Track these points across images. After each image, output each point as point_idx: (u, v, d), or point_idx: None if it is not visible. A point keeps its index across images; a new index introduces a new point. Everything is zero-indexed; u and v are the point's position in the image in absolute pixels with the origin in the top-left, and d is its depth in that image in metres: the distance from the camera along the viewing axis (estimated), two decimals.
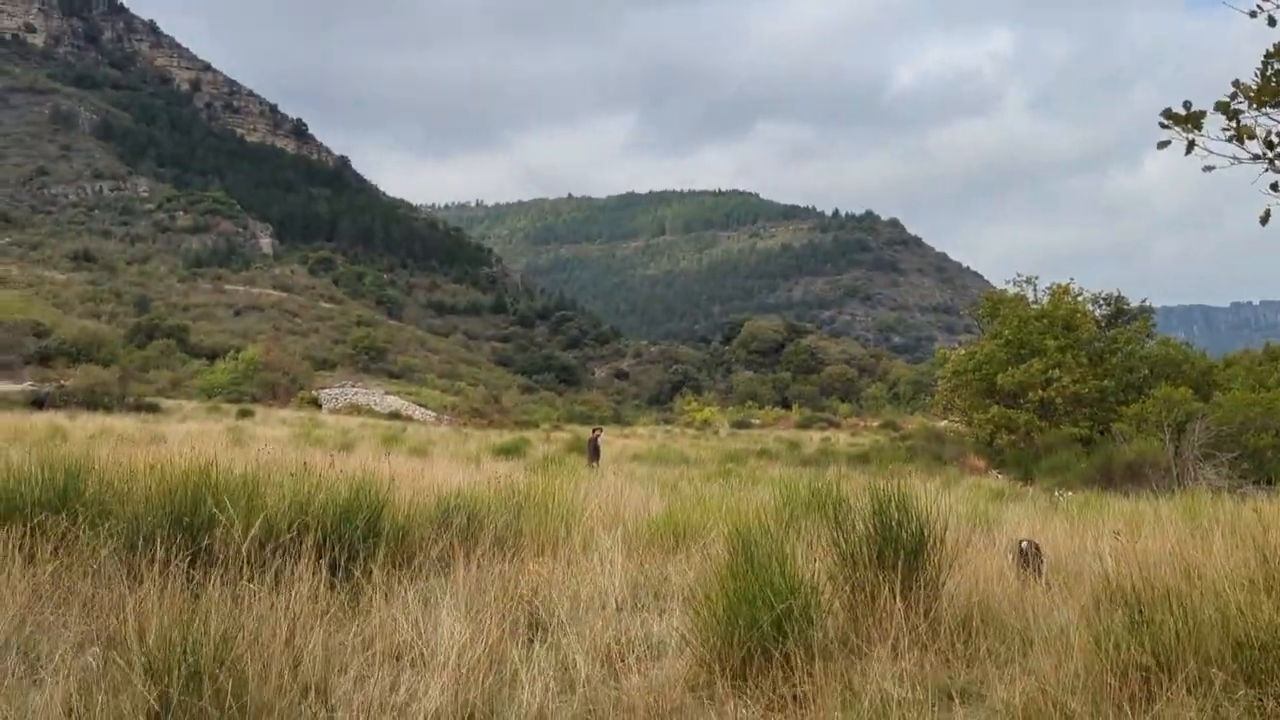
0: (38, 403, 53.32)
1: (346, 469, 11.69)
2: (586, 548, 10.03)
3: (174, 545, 7.22)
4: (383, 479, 9.46)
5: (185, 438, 31.31)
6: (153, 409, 60.83)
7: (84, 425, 40.14)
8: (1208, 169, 6.56)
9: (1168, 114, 6.49)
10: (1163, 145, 6.52)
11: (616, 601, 8.38)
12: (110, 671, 5.29)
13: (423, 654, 6.38)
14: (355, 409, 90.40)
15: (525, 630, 7.32)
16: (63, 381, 61.89)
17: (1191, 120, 6.43)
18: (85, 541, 7.46)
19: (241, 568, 7.07)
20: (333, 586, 7.45)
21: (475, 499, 10.59)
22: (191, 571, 6.85)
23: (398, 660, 6.36)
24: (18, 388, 58.54)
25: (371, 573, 7.55)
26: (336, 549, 7.80)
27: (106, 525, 7.56)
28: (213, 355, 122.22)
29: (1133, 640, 6.06)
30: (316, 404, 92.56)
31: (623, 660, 6.82)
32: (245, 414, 65.13)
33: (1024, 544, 11.47)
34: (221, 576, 6.83)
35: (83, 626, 6.24)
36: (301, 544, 7.50)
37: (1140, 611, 6.37)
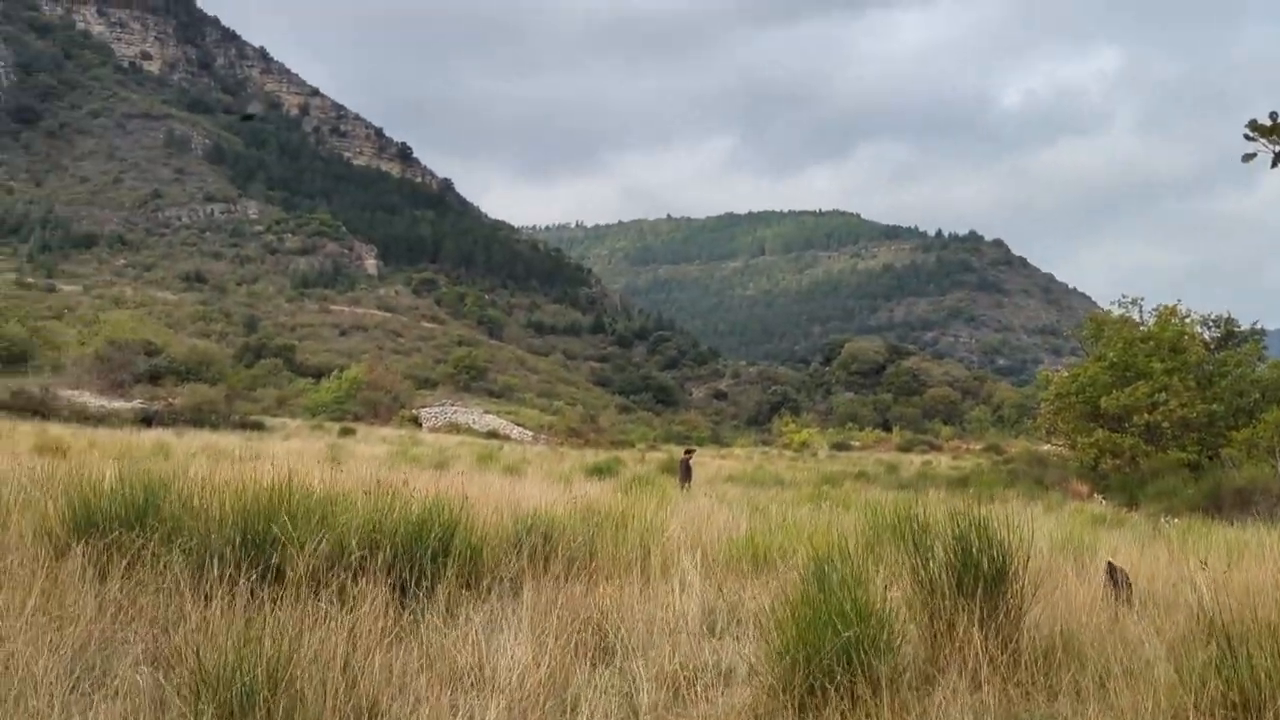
0: (146, 420, 54.52)
1: (426, 487, 11.70)
2: (665, 570, 9.90)
3: (243, 563, 7.26)
4: (457, 498, 9.44)
5: (285, 455, 31.74)
6: (257, 427, 61.95)
7: (188, 443, 40.90)
8: None
9: (1254, 126, 6.21)
10: (1248, 158, 6.25)
11: (690, 626, 8.24)
12: (162, 693, 5.30)
13: (483, 677, 6.31)
14: (454, 427, 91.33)
15: (592, 654, 7.22)
16: (171, 400, 63.33)
17: (1278, 131, 6.15)
18: (159, 559, 7.53)
19: (310, 587, 7.08)
20: (401, 606, 7.43)
21: (552, 519, 10.52)
22: (259, 590, 6.85)
23: (458, 683, 6.29)
24: (128, 405, 60.02)
25: (438, 593, 7.52)
26: (406, 569, 7.78)
27: (178, 542, 7.62)
28: (318, 374, 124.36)
29: (1218, 677, 5.79)
30: (417, 422, 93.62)
31: (690, 687, 6.68)
32: (347, 432, 66.05)
33: (1110, 563, 11.14)
34: (289, 595, 6.84)
35: (143, 646, 6.26)
36: (371, 563, 7.50)
37: (1231, 646, 6.08)
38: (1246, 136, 6.24)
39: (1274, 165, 6.19)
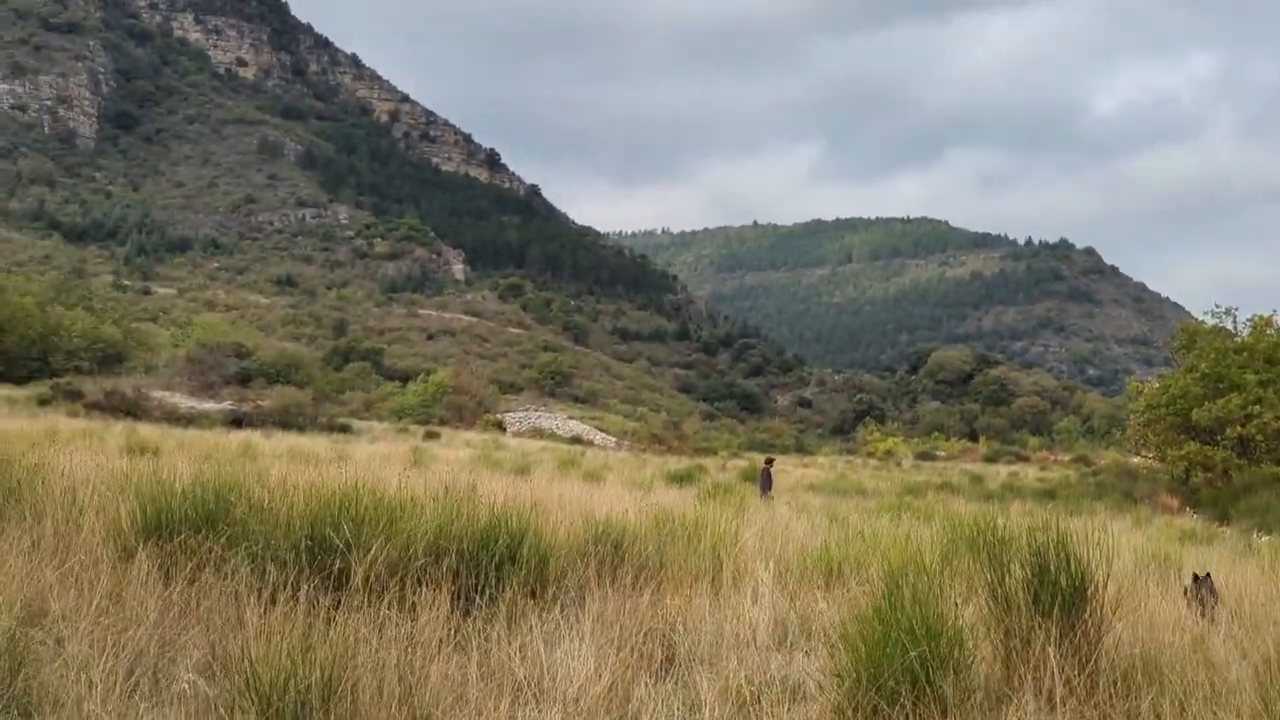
0: (236, 422, 55.38)
1: (499, 493, 11.67)
2: (737, 581, 9.76)
3: (308, 568, 7.25)
4: (528, 504, 9.38)
5: (368, 458, 32.06)
6: (344, 429, 62.62)
7: (275, 445, 41.45)
8: None
9: None
10: None
11: (759, 639, 8.09)
12: (216, 700, 5.29)
13: (543, 688, 6.23)
14: (538, 432, 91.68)
15: (657, 666, 7.11)
16: (259, 402, 64.28)
17: None
18: (226, 562, 7.55)
19: (373, 593, 7.06)
20: (466, 614, 7.38)
21: (624, 527, 10.41)
22: (322, 596, 6.83)
23: (518, 694, 6.21)
24: (218, 407, 61.03)
25: (501, 601, 7.45)
26: (470, 576, 7.73)
27: (244, 546, 7.64)
28: (405, 378, 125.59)
29: None
30: (501, 427, 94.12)
31: (755, 703, 6.54)
32: (431, 436, 66.53)
33: (1196, 575, 10.82)
34: (352, 602, 6.82)
35: (200, 652, 6.27)
36: (436, 571, 7.46)
37: None
38: None
39: None
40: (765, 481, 30.97)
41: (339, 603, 6.77)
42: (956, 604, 7.32)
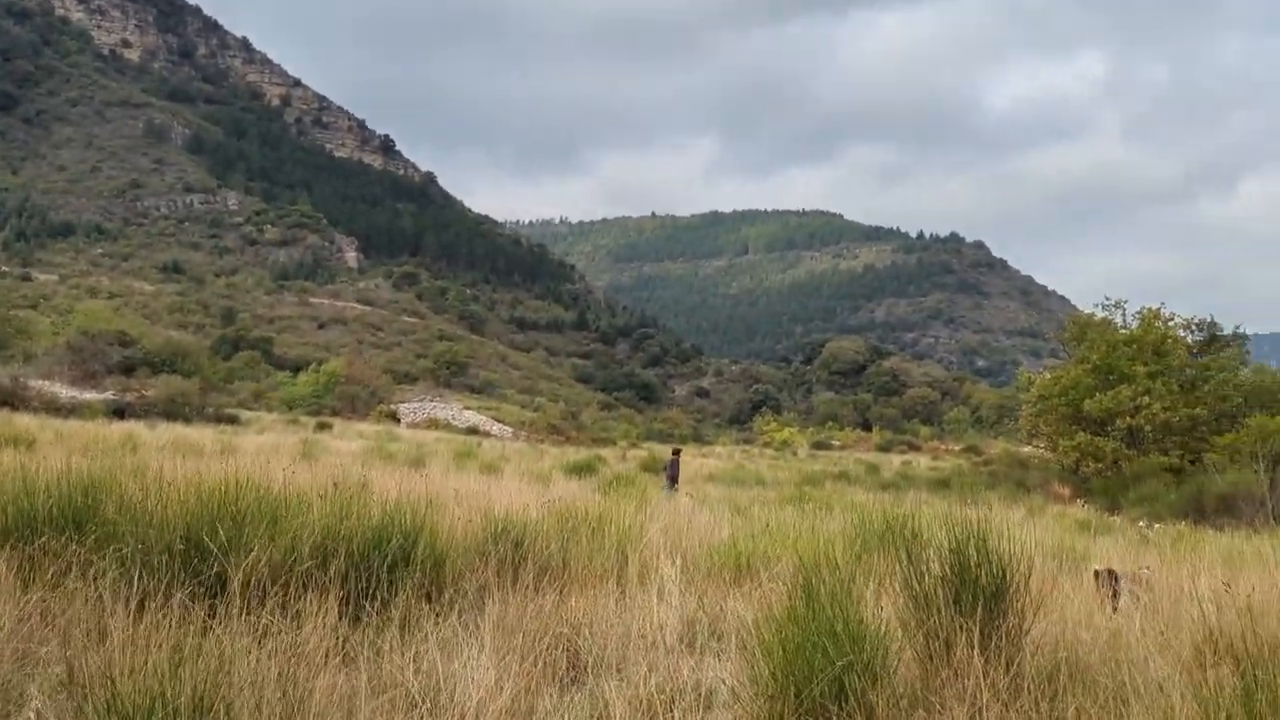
0: (118, 412, 53.69)
1: (392, 488, 11.13)
2: (643, 578, 9.35)
3: (183, 573, 6.67)
4: (424, 500, 8.87)
5: (257, 450, 31.22)
6: (232, 420, 61.11)
7: (159, 436, 40.17)
8: None
9: None
10: None
11: (668, 641, 7.68)
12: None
13: (438, 703, 5.74)
14: (433, 423, 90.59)
15: (562, 675, 6.67)
16: (143, 391, 62.43)
17: None
18: (92, 566, 6.92)
19: (258, 600, 6.50)
20: (356, 621, 6.87)
21: (525, 523, 9.93)
22: (198, 604, 6.27)
23: (412, 709, 5.71)
24: (100, 397, 59.15)
25: (394, 607, 6.93)
26: (363, 579, 7.20)
27: (112, 548, 7.01)
28: (296, 368, 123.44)
29: (1246, 714, 5.28)
30: (395, 418, 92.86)
31: (668, 711, 6.14)
32: (323, 427, 65.28)
33: (1111, 571, 10.72)
34: (231, 610, 6.25)
35: (60, 667, 5.67)
36: (324, 574, 6.92)
37: (1256, 676, 5.56)
38: None
39: None
40: (673, 471, 30.59)
41: (215, 611, 6.20)
42: (880, 607, 6.98)
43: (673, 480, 29.85)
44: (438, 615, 7.18)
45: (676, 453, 34.38)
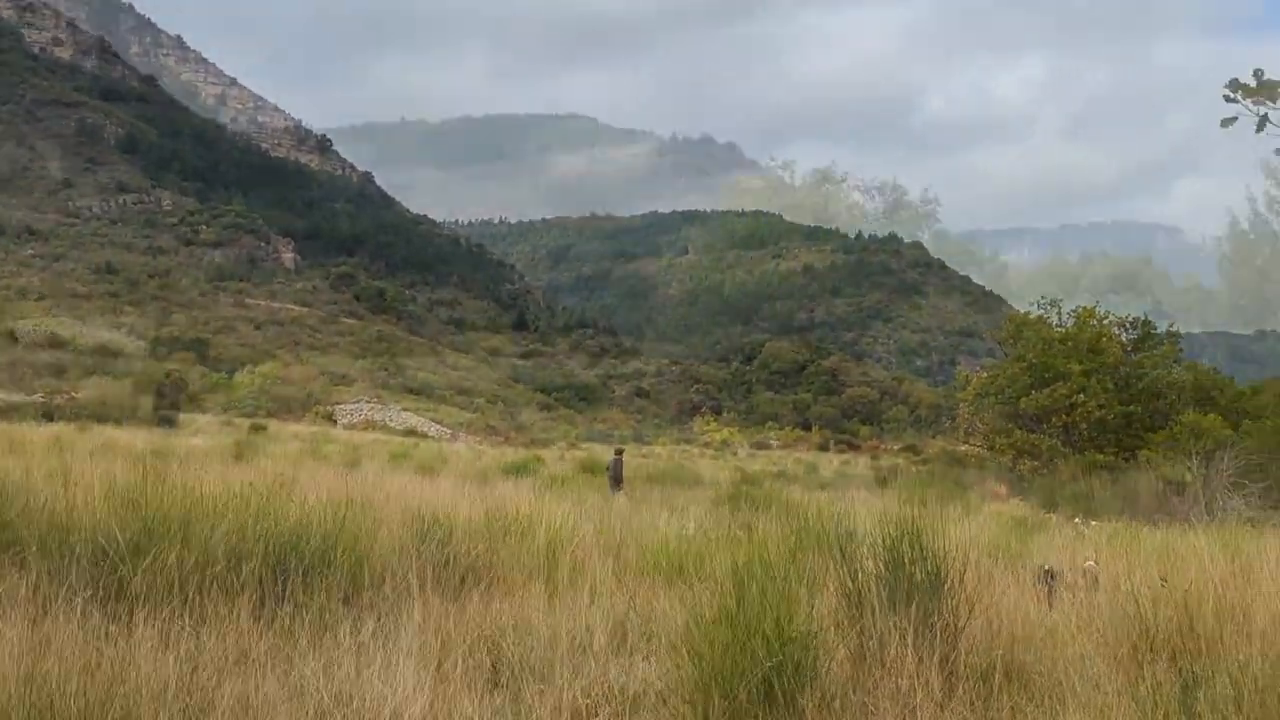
0: (48, 415, 52.69)
1: (319, 488, 10.84)
2: (574, 579, 9.13)
3: (88, 577, 6.37)
4: (349, 500, 8.60)
5: (189, 453, 30.70)
6: (166, 422, 60.19)
7: (91, 439, 39.43)
8: None
9: (1235, 85, 5.53)
10: (1228, 122, 5.58)
11: (597, 643, 7.47)
12: None
13: (353, 710, 5.49)
14: (370, 425, 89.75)
15: (485, 679, 6.43)
16: (74, 393, 61.34)
17: (1265, 91, 5.47)
18: None
19: (162, 604, 6.22)
20: (273, 621, 6.60)
21: (453, 524, 9.67)
22: (96, 610, 5.97)
23: (324, 716, 5.46)
24: (28, 399, 58.02)
25: (309, 610, 6.67)
26: (279, 582, 6.93)
27: (11, 552, 6.70)
28: (232, 369, 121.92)
29: (1184, 712, 5.16)
30: (332, 419, 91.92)
31: (592, 716, 5.93)
32: (258, 429, 64.42)
33: (1049, 570, 10.69)
34: (136, 615, 5.96)
35: None
36: (238, 576, 6.65)
37: (1194, 674, 5.45)
38: (1226, 98, 5.58)
39: (1258, 130, 5.54)
40: (616, 472, 30.16)
41: (120, 616, 5.91)
42: (811, 602, 6.82)
43: (616, 481, 29.47)
44: (355, 618, 6.92)
45: (619, 453, 34.02)
